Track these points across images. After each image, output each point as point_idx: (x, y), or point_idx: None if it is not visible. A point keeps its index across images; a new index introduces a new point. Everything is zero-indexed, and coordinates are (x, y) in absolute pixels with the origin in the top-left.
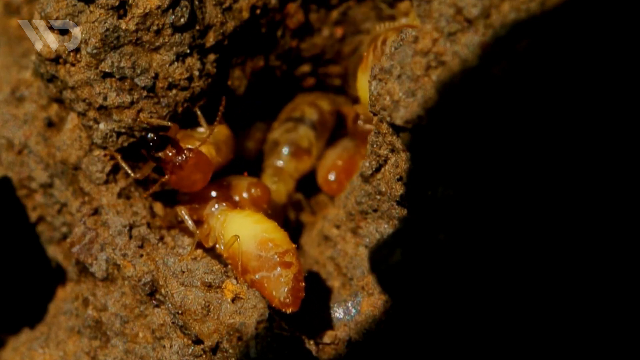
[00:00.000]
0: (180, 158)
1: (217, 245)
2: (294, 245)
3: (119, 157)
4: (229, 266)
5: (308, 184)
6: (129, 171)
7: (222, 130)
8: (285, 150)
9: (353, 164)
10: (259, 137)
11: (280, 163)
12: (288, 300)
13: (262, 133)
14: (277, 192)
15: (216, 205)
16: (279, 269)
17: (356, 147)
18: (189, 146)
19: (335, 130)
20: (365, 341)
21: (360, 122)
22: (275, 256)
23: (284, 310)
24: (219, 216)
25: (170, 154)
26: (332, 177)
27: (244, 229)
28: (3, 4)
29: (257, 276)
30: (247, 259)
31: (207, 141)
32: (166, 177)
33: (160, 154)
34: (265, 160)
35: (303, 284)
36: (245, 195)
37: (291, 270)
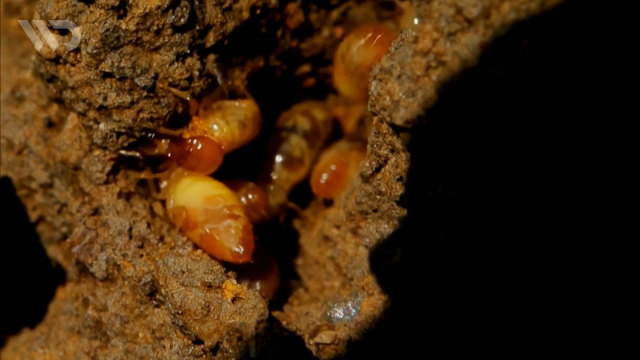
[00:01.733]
0: (183, 150)
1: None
2: (241, 202)
3: (137, 154)
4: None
5: (307, 185)
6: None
7: (250, 107)
8: (277, 160)
9: (345, 167)
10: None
11: (272, 173)
12: (239, 250)
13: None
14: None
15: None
16: (228, 220)
17: (350, 150)
18: (193, 135)
19: (333, 136)
20: (365, 341)
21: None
22: (225, 209)
23: (236, 261)
24: (174, 180)
25: (172, 149)
26: (323, 179)
27: (191, 187)
28: (3, 4)
29: (206, 229)
30: (194, 214)
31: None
32: (178, 167)
33: (163, 152)
34: (260, 170)
35: (252, 236)
36: (242, 200)
37: (240, 221)
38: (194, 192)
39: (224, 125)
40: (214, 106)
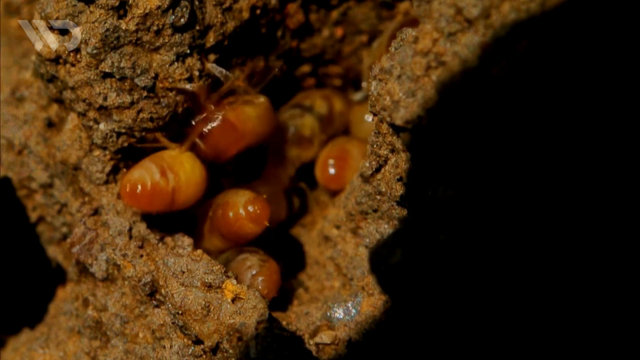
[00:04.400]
0: (208, 126)
1: None
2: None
3: (159, 135)
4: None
5: (308, 184)
6: (170, 145)
7: (261, 104)
8: (289, 136)
9: (347, 153)
10: None
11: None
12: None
13: None
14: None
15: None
16: (160, 175)
17: (349, 139)
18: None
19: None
20: (365, 341)
21: None
22: (171, 188)
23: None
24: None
25: (197, 121)
26: (330, 164)
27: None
28: (3, 4)
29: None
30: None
31: (238, 112)
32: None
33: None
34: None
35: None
36: (242, 212)
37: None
38: (193, 164)
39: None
40: (224, 102)
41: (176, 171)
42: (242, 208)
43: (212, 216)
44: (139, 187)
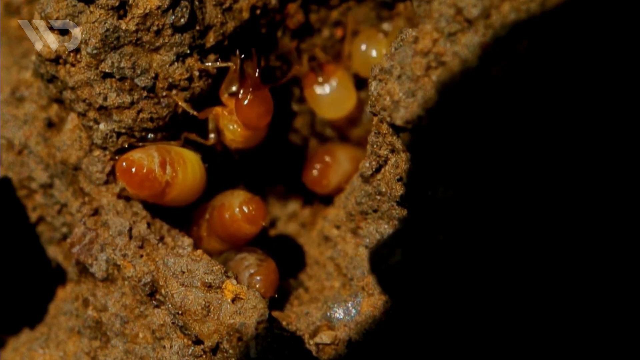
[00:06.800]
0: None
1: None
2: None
3: (187, 107)
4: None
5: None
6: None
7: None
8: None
9: (332, 157)
10: None
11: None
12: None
13: None
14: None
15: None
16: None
17: (333, 142)
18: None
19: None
20: (365, 341)
21: None
22: (164, 181)
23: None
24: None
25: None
26: (314, 172)
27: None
28: (3, 4)
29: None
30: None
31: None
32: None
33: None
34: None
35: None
36: (237, 213)
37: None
38: (194, 167)
39: (236, 129)
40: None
41: (176, 168)
42: (238, 209)
43: (209, 219)
44: (134, 168)
